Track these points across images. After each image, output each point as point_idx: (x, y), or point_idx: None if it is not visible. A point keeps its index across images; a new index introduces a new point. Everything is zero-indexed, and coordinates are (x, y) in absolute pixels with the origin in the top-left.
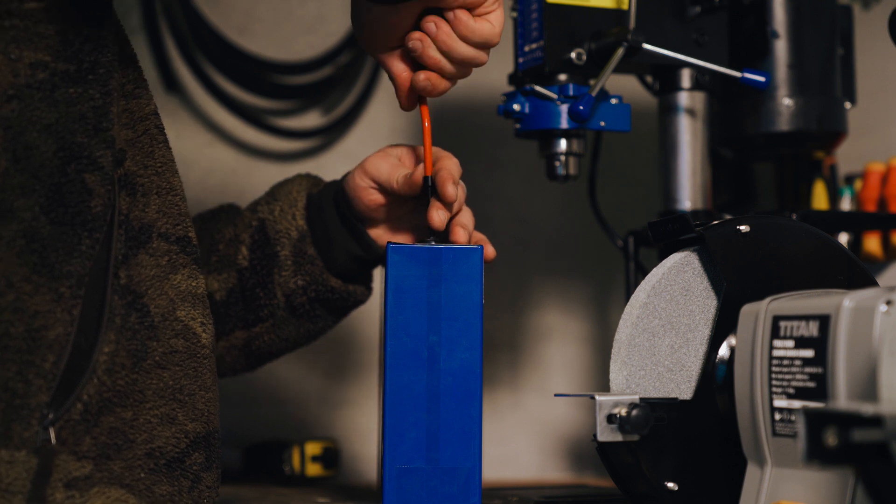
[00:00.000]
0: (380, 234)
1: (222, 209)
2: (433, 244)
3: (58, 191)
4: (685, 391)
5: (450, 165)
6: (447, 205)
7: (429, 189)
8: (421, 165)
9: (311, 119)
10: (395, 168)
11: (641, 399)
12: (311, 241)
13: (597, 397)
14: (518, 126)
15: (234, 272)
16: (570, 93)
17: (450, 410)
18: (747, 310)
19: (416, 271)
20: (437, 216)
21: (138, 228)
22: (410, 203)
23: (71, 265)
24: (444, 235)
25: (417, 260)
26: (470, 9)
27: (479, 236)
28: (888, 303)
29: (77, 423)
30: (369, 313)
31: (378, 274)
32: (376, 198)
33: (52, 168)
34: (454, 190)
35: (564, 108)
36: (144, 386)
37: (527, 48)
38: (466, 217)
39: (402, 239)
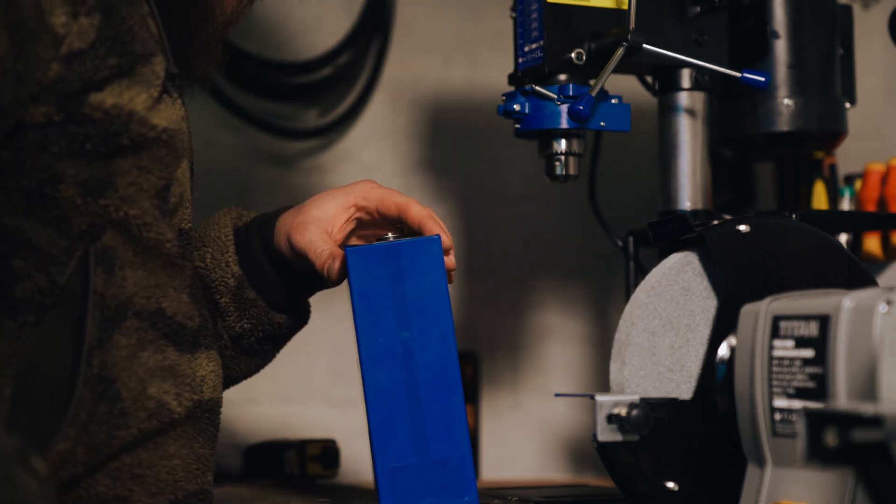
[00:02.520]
0: None
1: None
2: (390, 239)
3: None
4: (685, 391)
5: (428, 219)
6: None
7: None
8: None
9: (311, 119)
10: (316, 241)
11: (641, 399)
12: (249, 284)
13: (597, 397)
14: (518, 126)
15: None
16: (570, 93)
17: (432, 403)
18: (747, 310)
19: (377, 270)
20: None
21: (114, 307)
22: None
23: None
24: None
25: (377, 259)
26: None
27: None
28: (888, 303)
29: None
30: None
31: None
32: (301, 264)
33: None
34: (448, 240)
35: (564, 108)
36: (96, 471)
37: (527, 48)
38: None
39: None
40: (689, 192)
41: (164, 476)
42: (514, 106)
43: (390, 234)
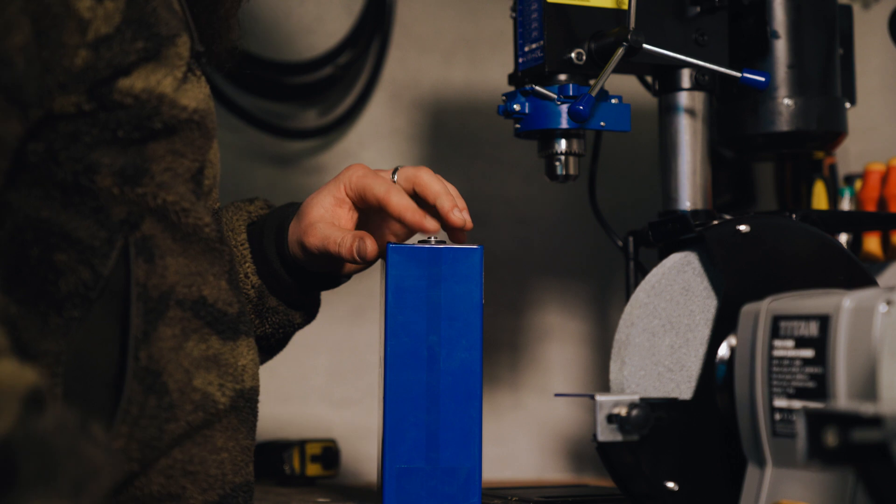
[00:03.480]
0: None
1: None
2: (433, 244)
3: (17, 272)
4: (685, 391)
5: (433, 184)
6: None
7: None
8: (354, 233)
9: (311, 119)
10: (331, 234)
11: (641, 399)
12: (270, 292)
13: (597, 397)
14: (518, 126)
15: None
16: (570, 93)
17: (449, 410)
18: (747, 310)
19: (415, 271)
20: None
21: (157, 298)
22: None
23: (45, 344)
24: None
25: (417, 260)
26: None
27: (461, 204)
28: (888, 303)
29: None
30: (369, 313)
31: (377, 273)
32: (321, 263)
33: (12, 251)
34: (460, 217)
35: (564, 108)
36: (150, 469)
37: (527, 48)
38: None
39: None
40: (689, 192)
41: (213, 471)
42: (514, 106)
43: (433, 238)
